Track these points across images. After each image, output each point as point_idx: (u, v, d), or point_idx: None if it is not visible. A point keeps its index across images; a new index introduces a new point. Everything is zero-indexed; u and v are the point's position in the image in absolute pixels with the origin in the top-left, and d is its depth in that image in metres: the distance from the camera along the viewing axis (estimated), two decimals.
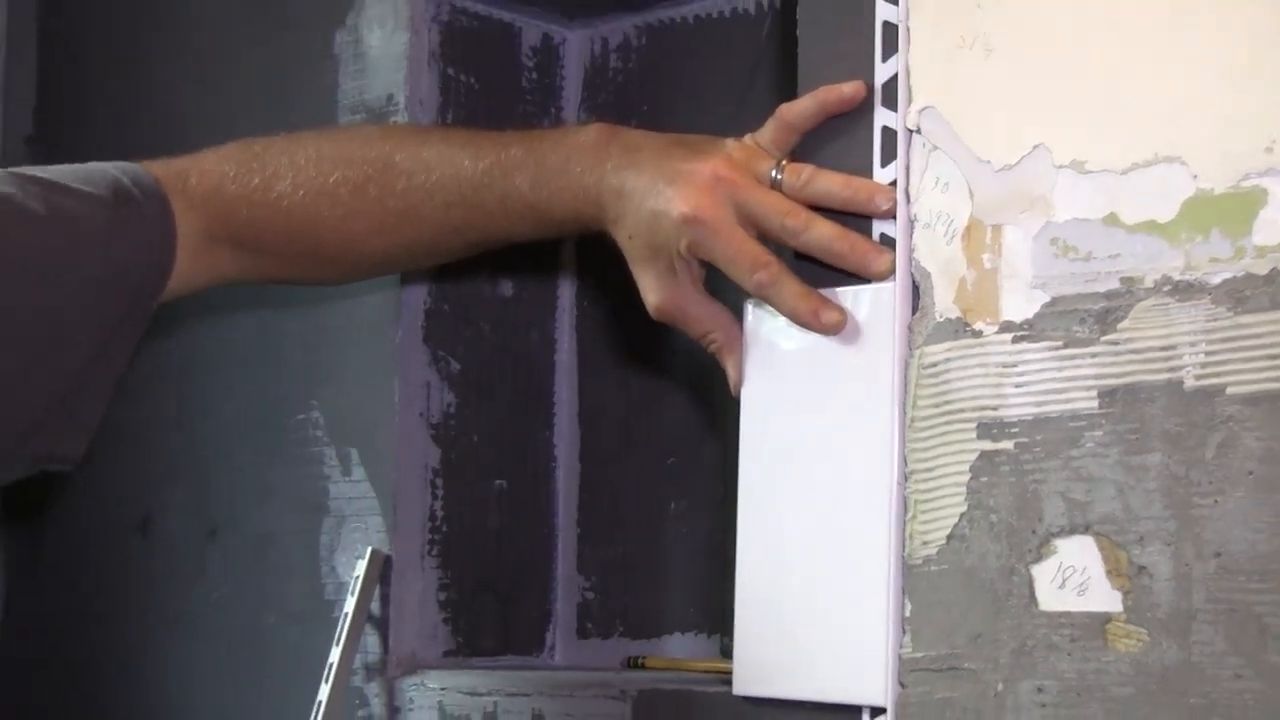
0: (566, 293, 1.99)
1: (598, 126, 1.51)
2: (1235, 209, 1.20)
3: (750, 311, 1.46)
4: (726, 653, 1.79)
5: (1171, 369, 1.22)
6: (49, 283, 1.46)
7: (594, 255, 1.87)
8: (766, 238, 1.42)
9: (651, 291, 1.46)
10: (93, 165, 1.54)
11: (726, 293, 1.46)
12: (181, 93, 2.12)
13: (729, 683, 1.47)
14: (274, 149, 1.60)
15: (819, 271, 1.40)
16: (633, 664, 1.86)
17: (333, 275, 1.69)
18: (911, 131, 1.37)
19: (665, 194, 1.42)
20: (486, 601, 1.91)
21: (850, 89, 1.41)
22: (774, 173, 1.43)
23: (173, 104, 2.12)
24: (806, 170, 1.42)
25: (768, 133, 1.45)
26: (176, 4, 2.15)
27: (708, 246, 1.41)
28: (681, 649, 1.88)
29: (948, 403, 1.33)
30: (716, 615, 1.84)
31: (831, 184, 1.40)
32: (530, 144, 1.54)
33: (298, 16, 1.97)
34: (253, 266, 1.62)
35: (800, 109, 1.44)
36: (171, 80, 2.14)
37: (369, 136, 1.68)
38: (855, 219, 1.40)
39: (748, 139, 1.46)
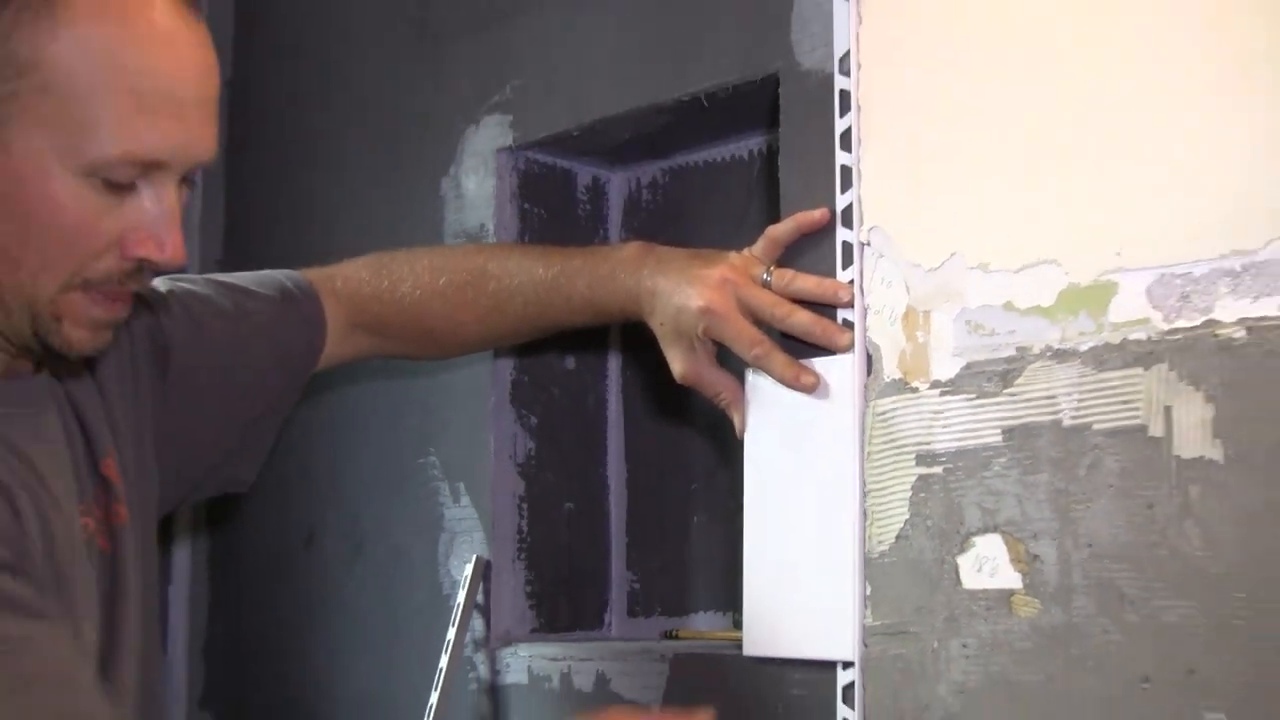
0: (614, 365, 1.99)
1: (636, 244, 1.55)
2: (1096, 296, 1.24)
3: (749, 378, 1.49)
4: (738, 625, 1.79)
5: (1053, 412, 1.26)
6: (237, 358, 1.49)
7: (634, 337, 1.86)
8: (760, 323, 1.45)
9: (677, 363, 1.49)
10: (265, 272, 1.56)
11: (731, 363, 1.49)
12: (331, 220, 2.12)
13: (740, 647, 1.50)
14: (398, 260, 1.61)
15: (799, 347, 1.44)
16: (668, 635, 1.87)
17: (439, 353, 1.68)
18: (864, 244, 1.41)
19: (687, 292, 1.45)
20: (560, 592, 1.91)
21: (819, 215, 1.45)
22: (765, 275, 1.46)
23: (324, 228, 2.13)
24: (789, 274, 1.46)
25: (759, 247, 1.49)
26: (329, 155, 2.15)
27: (719, 330, 1.45)
28: (705, 624, 1.88)
29: (894, 440, 1.37)
30: (730, 598, 1.84)
31: (807, 284, 1.45)
32: (586, 257, 1.57)
33: (416, 167, 1.98)
34: (381, 346, 1.63)
35: (783, 229, 1.47)
36: (324, 210, 2.14)
37: (467, 251, 1.70)
38: (824, 309, 1.43)
39: (745, 252, 1.49)
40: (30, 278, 1.14)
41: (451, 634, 1.82)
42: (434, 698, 1.80)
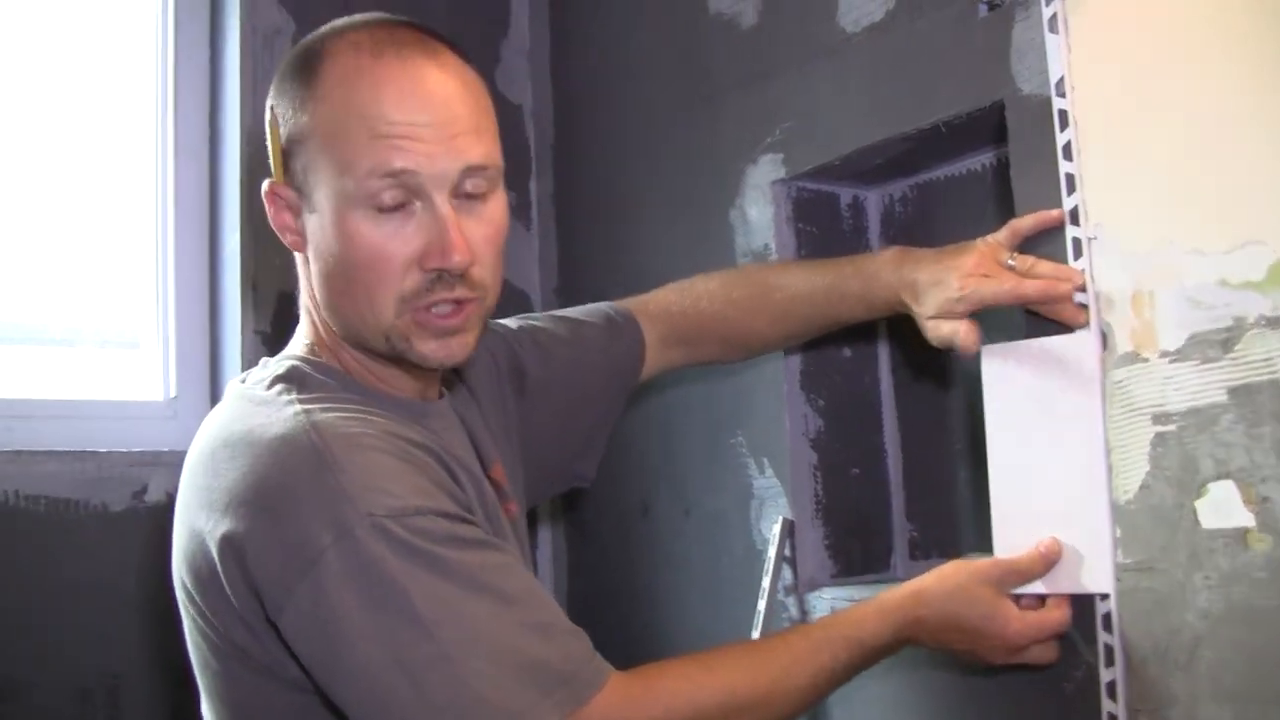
0: (884, 352, 1.96)
1: (894, 249, 1.51)
2: None
3: (986, 360, 1.44)
4: None
5: (1272, 372, 1.20)
6: (577, 375, 1.52)
7: (898, 328, 1.82)
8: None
9: (938, 333, 1.42)
10: (592, 305, 1.59)
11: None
12: (641, 250, 2.15)
13: None
14: (696, 283, 1.62)
15: (1046, 325, 1.40)
16: None
17: (739, 356, 1.67)
18: (1091, 239, 1.36)
19: (945, 279, 1.41)
20: (853, 543, 1.89)
21: (1056, 214, 1.39)
22: (1009, 260, 1.40)
23: (636, 257, 2.15)
24: (1030, 259, 1.40)
25: (1003, 234, 1.44)
26: (636, 197, 2.17)
27: (977, 292, 1.38)
28: None
29: (1131, 404, 1.32)
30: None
31: (1046, 267, 1.38)
32: (854, 263, 1.54)
33: (706, 202, 1.98)
34: (691, 355, 1.63)
35: (1025, 222, 1.42)
36: (635, 242, 2.16)
37: (752, 270, 1.69)
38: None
39: (990, 238, 1.44)
40: (368, 309, 1.17)
41: (766, 582, 1.82)
42: (755, 635, 1.80)
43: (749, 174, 1.91)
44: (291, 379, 1.20)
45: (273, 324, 2.07)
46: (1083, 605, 1.37)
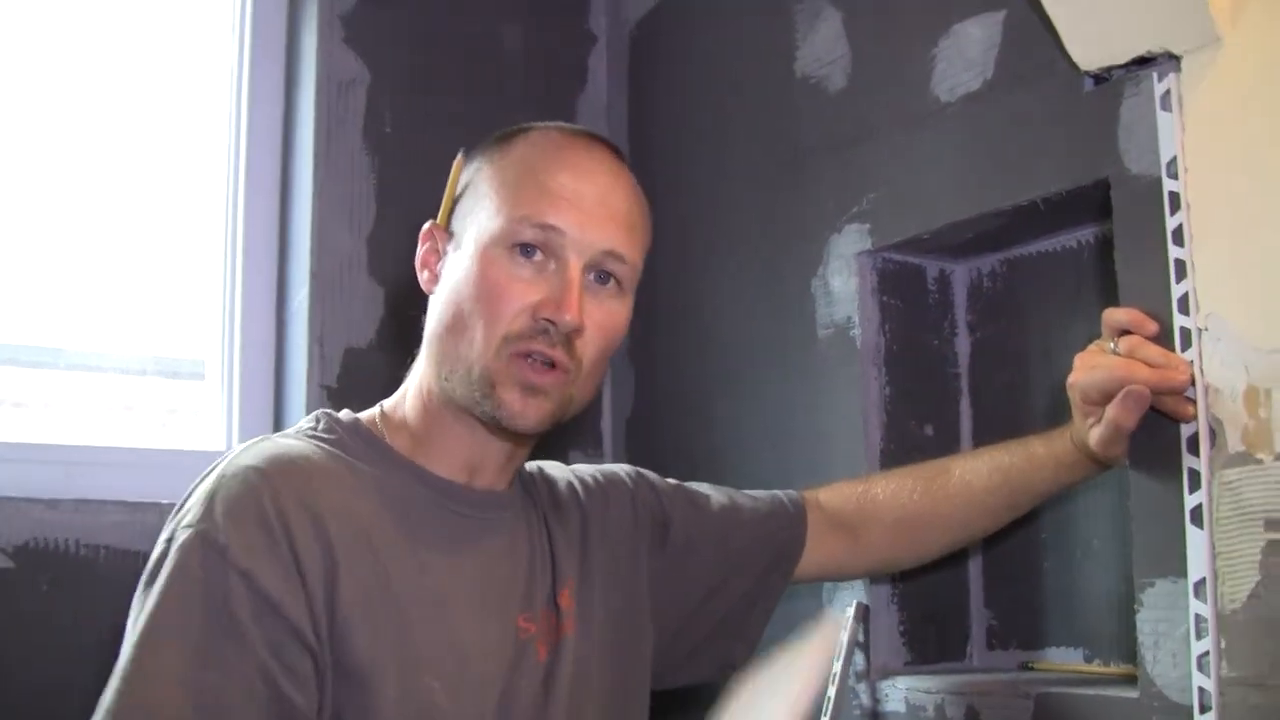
0: (966, 429, 1.88)
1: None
2: None
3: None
4: (1087, 659, 1.71)
5: None
6: (735, 542, 1.48)
7: (982, 403, 1.76)
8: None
9: (1093, 437, 1.35)
10: (767, 491, 1.54)
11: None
12: (721, 315, 2.10)
13: (1086, 682, 1.43)
14: (871, 478, 1.56)
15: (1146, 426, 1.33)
16: (1025, 666, 1.77)
17: (905, 550, 1.55)
18: (1201, 329, 1.30)
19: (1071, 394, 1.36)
20: (928, 630, 1.83)
21: (1152, 328, 1.33)
22: (1111, 345, 1.34)
23: (716, 322, 2.11)
24: (1134, 339, 1.33)
25: (1104, 327, 1.36)
26: (718, 262, 2.13)
27: (1086, 383, 1.32)
28: (1057, 657, 1.76)
29: (1241, 508, 1.25)
30: (1079, 634, 1.74)
31: (1151, 352, 1.31)
32: (1045, 442, 1.44)
33: (789, 270, 1.94)
34: (851, 547, 1.54)
35: (1118, 316, 1.35)
36: (715, 307, 2.12)
37: (934, 463, 1.56)
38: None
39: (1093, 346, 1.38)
40: (474, 343, 1.20)
41: (837, 667, 1.74)
42: None
43: (833, 243, 1.86)
44: (319, 420, 1.27)
45: (339, 379, 2.06)
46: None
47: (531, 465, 1.41)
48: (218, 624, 1.06)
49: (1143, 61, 1.38)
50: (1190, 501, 1.30)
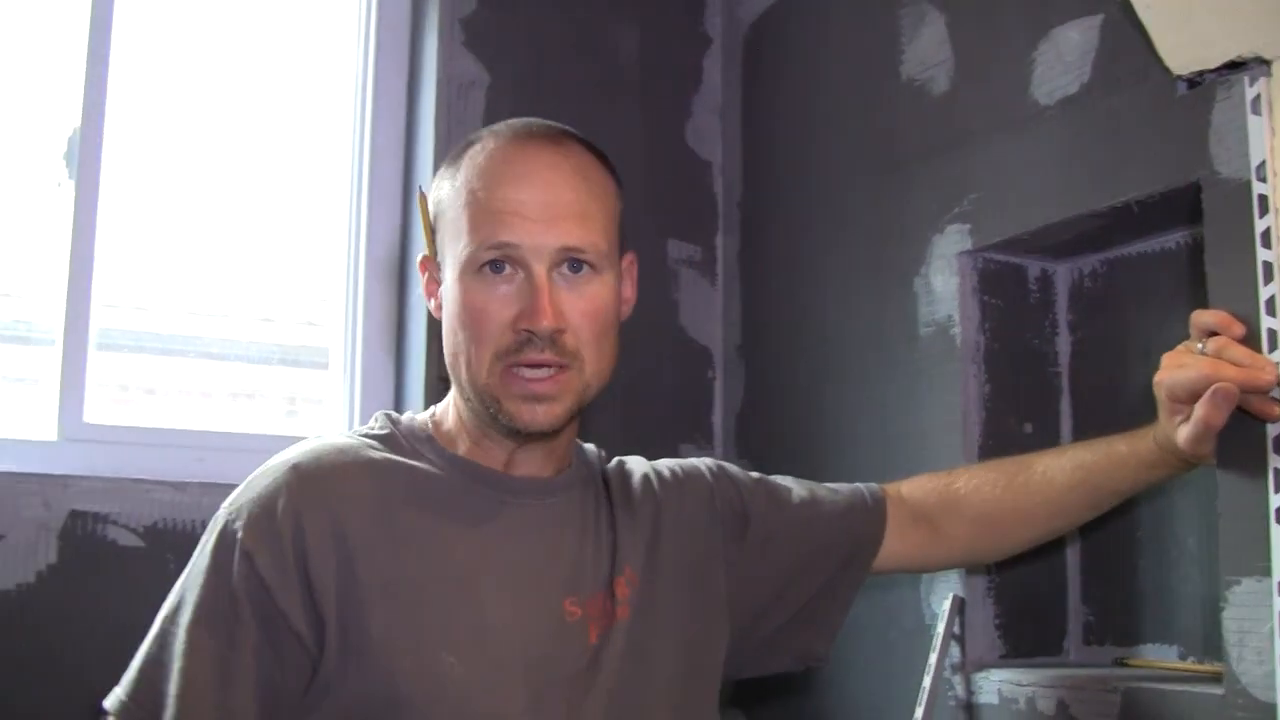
0: (1066, 428, 1.91)
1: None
2: None
3: None
4: (1182, 657, 1.72)
5: None
6: (815, 534, 1.49)
7: (1083, 400, 1.78)
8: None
9: (1182, 436, 1.34)
10: (848, 484, 1.55)
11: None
12: (824, 313, 2.14)
13: (1175, 679, 1.44)
14: (953, 472, 1.56)
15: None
16: (1119, 662, 1.79)
17: (987, 544, 1.54)
18: None
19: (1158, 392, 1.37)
20: (1025, 624, 1.85)
21: (1239, 330, 1.33)
22: (1200, 346, 1.35)
23: (819, 320, 2.14)
24: (1221, 340, 1.33)
25: (1192, 329, 1.37)
26: (822, 261, 2.16)
27: (1171, 382, 1.33)
28: (1152, 654, 1.77)
29: None
30: (1175, 631, 1.75)
31: (1238, 352, 1.31)
32: (1128, 440, 1.44)
33: (891, 270, 1.97)
34: (932, 538, 1.52)
35: (1206, 318, 1.36)
36: (818, 305, 2.15)
37: (1017, 459, 1.55)
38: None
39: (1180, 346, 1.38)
40: (475, 364, 1.26)
41: (933, 659, 1.79)
42: (919, 712, 1.77)
43: (935, 243, 1.89)
44: (377, 419, 1.37)
45: None
46: (1260, 714, 1.30)
47: (614, 459, 1.47)
48: (224, 593, 1.20)
49: (1234, 66, 1.39)
50: (1275, 501, 1.31)
